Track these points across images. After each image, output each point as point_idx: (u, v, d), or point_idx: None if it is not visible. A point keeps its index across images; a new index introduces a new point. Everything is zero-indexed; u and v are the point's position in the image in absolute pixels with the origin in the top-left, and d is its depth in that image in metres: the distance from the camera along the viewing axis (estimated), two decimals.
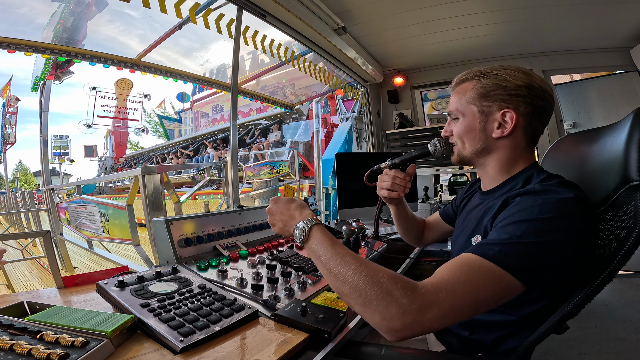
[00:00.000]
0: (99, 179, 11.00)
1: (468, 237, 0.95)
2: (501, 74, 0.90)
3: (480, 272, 0.67)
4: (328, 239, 0.79)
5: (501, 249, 0.68)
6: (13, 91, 13.43)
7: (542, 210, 0.73)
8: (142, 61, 3.74)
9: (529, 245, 0.69)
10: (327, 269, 0.74)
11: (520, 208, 0.76)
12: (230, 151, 2.33)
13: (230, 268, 1.11)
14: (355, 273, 0.69)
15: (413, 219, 1.38)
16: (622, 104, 3.59)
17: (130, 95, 11.22)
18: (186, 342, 0.70)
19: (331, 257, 0.75)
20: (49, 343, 0.65)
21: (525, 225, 0.71)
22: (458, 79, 1.00)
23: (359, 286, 0.67)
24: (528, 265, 0.68)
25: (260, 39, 2.60)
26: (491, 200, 0.94)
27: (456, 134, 0.99)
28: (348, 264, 0.71)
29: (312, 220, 0.84)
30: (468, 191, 1.21)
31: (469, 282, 0.66)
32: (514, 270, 0.67)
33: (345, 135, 4.93)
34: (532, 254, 0.68)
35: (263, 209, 1.57)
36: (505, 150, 0.93)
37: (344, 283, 0.70)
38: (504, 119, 0.89)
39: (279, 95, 6.09)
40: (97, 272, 1.16)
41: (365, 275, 0.68)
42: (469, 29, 3.10)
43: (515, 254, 0.68)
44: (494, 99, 0.90)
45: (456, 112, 0.98)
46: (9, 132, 13.35)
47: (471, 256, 0.70)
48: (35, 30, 3.45)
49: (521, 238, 0.69)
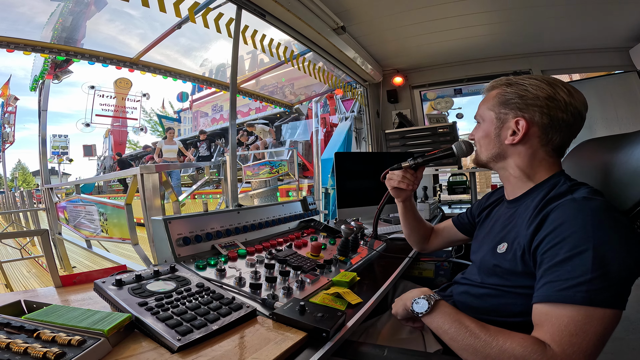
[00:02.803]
0: (98, 178, 10.98)
1: (494, 246, 0.96)
2: (524, 84, 0.93)
3: (587, 320, 0.68)
4: (454, 312, 0.83)
5: (588, 289, 0.69)
6: (12, 90, 13.41)
7: (595, 229, 0.72)
8: (141, 60, 3.73)
9: (610, 276, 0.69)
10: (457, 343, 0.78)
11: (572, 229, 0.75)
12: (229, 151, 2.33)
13: (229, 267, 1.11)
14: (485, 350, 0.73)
15: (420, 220, 1.40)
16: (621, 104, 3.57)
17: (129, 94, 11.21)
18: (184, 340, 0.70)
19: (458, 331, 0.78)
20: (46, 342, 0.64)
21: (590, 254, 0.71)
22: (489, 86, 1.04)
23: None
24: (621, 292, 0.71)
25: (260, 38, 2.59)
26: (519, 209, 0.94)
27: (477, 137, 1.04)
28: (473, 343, 0.75)
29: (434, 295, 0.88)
30: (489, 201, 1.21)
31: (582, 332, 0.68)
32: (611, 305, 0.69)
33: (344, 134, 4.93)
34: (620, 282, 0.70)
35: (262, 208, 1.58)
36: (520, 157, 0.95)
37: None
38: (517, 127, 0.92)
39: (278, 95, 6.08)
40: (95, 271, 1.15)
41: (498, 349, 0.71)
42: (468, 28, 3.10)
43: (601, 288, 0.69)
44: (511, 107, 0.93)
45: (478, 117, 1.04)
46: (7, 132, 13.32)
47: (565, 308, 0.70)
48: (35, 30, 3.44)
49: (594, 272, 0.69)
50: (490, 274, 0.95)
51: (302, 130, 10.23)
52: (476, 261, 1.08)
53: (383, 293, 1.10)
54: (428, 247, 1.45)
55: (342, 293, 0.98)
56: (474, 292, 1.01)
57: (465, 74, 4.00)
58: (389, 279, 1.20)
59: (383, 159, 2.64)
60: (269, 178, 5.74)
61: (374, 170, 1.85)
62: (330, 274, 1.19)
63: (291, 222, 1.71)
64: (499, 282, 0.92)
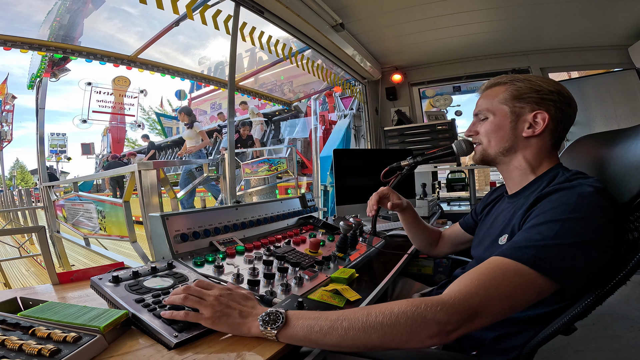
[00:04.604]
0: (95, 175, 10.96)
1: (495, 238, 0.97)
2: (535, 80, 0.96)
3: (516, 276, 0.67)
4: (313, 313, 0.71)
5: (536, 253, 0.68)
6: (9, 89, 13.34)
7: (575, 207, 0.73)
8: (139, 58, 3.71)
9: (563, 247, 0.69)
10: (343, 337, 0.65)
11: (554, 205, 0.76)
12: (228, 148, 2.33)
13: (227, 264, 1.10)
14: (371, 319, 0.64)
15: (423, 226, 1.41)
16: (620, 101, 3.58)
17: (127, 91, 11.16)
18: (180, 337, 0.69)
19: (333, 326, 0.66)
20: (41, 338, 0.64)
21: (559, 225, 0.71)
22: (489, 83, 1.04)
23: (385, 329, 0.63)
24: (564, 267, 0.68)
25: (258, 35, 2.58)
26: (520, 201, 0.95)
27: (484, 132, 1.03)
28: (356, 319, 0.65)
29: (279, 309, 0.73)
30: (490, 198, 1.23)
31: (504, 285, 0.67)
32: (550, 273, 0.67)
33: (343, 132, 4.92)
34: (567, 256, 0.69)
35: (260, 205, 1.57)
36: (531, 150, 0.96)
37: (368, 335, 0.64)
38: (535, 120, 0.93)
39: (277, 93, 6.07)
40: (93, 268, 1.14)
41: (383, 315, 0.64)
42: (467, 26, 3.09)
43: (549, 256, 0.68)
44: (527, 101, 0.95)
45: (486, 112, 1.02)
46: (5, 130, 13.27)
47: (504, 260, 0.70)
48: (32, 28, 3.42)
49: (555, 239, 0.69)
50: None
51: (301, 127, 10.22)
52: (477, 256, 1.08)
53: (382, 290, 1.10)
54: (436, 253, 1.46)
55: (341, 290, 0.98)
56: None
57: (464, 71, 4.01)
58: (388, 276, 1.19)
59: (382, 155, 2.63)
60: (268, 176, 5.73)
61: (373, 167, 1.85)
62: (329, 270, 1.18)
63: (290, 218, 1.71)
64: None
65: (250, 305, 0.76)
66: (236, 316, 0.73)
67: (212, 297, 0.75)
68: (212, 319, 0.72)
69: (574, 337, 0.91)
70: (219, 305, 0.74)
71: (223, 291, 0.77)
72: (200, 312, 0.73)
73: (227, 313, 0.73)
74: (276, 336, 0.68)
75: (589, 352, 2.01)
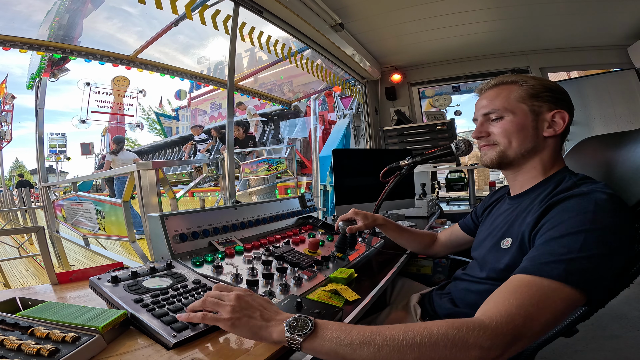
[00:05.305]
0: (94, 175, 10.95)
1: (497, 241, 0.96)
2: (544, 80, 0.95)
3: (551, 292, 0.67)
4: (344, 324, 0.68)
5: (566, 267, 0.68)
6: (9, 89, 13.31)
7: (595, 217, 0.72)
8: (139, 58, 3.71)
9: (591, 259, 0.68)
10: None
11: (571, 215, 0.75)
12: (227, 148, 2.33)
13: (226, 264, 1.10)
14: (408, 338, 0.61)
15: (408, 234, 1.42)
16: (619, 101, 3.58)
17: (126, 91, 11.15)
18: (179, 337, 0.70)
19: (365, 341, 0.62)
20: (40, 338, 0.64)
21: (583, 236, 0.70)
22: (497, 81, 1.00)
23: (422, 350, 0.61)
24: (593, 278, 0.68)
25: (257, 35, 2.58)
26: (523, 203, 0.94)
27: (502, 132, 0.96)
28: (392, 336, 0.62)
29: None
30: (491, 200, 1.22)
31: (542, 303, 0.65)
32: (582, 286, 0.67)
33: (342, 132, 4.92)
34: (596, 267, 0.68)
35: (259, 205, 1.57)
36: (549, 150, 0.95)
37: (403, 355, 0.61)
38: (553, 119, 0.92)
39: (277, 93, 6.06)
40: (92, 268, 1.14)
41: (421, 335, 0.61)
42: (466, 26, 3.09)
43: (579, 269, 0.68)
44: (544, 99, 0.93)
45: (502, 111, 0.96)
46: (4, 130, 13.24)
47: (534, 277, 0.69)
48: (32, 28, 3.42)
49: (581, 252, 0.69)
50: (493, 269, 0.95)
51: (300, 127, 10.23)
52: (478, 257, 1.07)
53: (381, 290, 1.10)
54: (433, 254, 1.46)
55: (340, 290, 0.98)
56: (475, 288, 1.00)
57: (464, 71, 4.01)
58: (387, 276, 1.19)
59: (381, 155, 2.63)
60: (267, 175, 5.72)
61: (373, 167, 1.85)
62: (328, 270, 1.18)
63: (289, 218, 1.71)
64: (502, 277, 0.92)
65: (273, 310, 0.72)
66: (258, 318, 0.68)
67: (232, 298, 0.71)
68: (232, 320, 0.67)
69: (573, 337, 0.91)
70: (239, 306, 0.69)
71: (244, 292, 0.74)
72: (219, 313, 0.70)
73: (249, 314, 0.69)
74: (300, 345, 0.64)
75: (588, 352, 2.01)
